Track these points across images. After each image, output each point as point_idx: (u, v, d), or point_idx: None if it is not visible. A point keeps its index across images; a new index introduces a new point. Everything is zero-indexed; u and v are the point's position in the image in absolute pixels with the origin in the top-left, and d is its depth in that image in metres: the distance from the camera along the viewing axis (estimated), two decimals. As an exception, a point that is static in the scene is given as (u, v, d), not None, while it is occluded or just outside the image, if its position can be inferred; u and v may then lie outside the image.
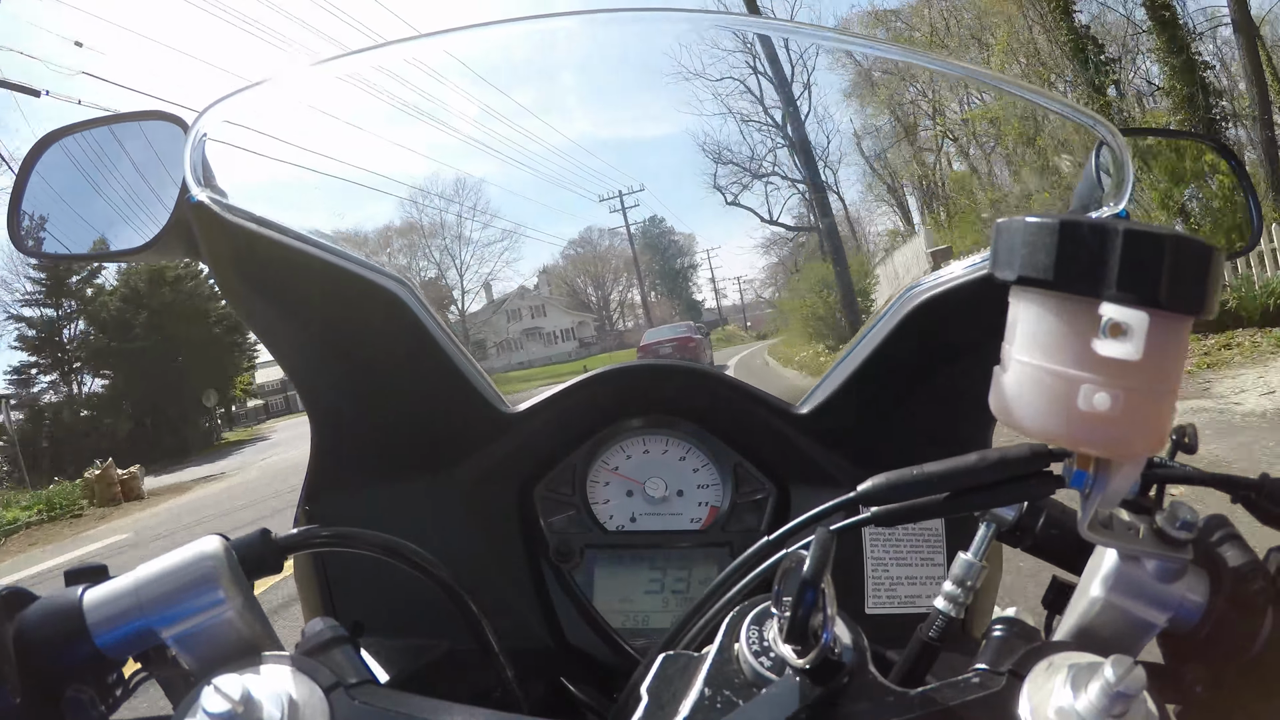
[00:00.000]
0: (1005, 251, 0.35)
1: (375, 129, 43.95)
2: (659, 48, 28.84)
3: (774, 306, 41.82)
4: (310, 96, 0.68)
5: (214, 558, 0.45)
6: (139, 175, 0.70)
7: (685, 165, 59.08)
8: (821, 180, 28.51)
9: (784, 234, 37.07)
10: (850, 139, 28.84)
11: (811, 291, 19.77)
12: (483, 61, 6.20)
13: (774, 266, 42.37)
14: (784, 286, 28.81)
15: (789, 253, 39.66)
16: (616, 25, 0.68)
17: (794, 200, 33.41)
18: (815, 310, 19.29)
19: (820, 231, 31.02)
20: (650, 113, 58.55)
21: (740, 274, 49.46)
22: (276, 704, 0.38)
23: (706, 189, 31.53)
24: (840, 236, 30.10)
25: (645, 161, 63.13)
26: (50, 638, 0.44)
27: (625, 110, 62.83)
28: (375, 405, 0.77)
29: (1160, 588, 0.43)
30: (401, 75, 22.72)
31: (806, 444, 0.79)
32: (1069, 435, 0.35)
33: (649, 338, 22.01)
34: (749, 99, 28.56)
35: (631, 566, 0.81)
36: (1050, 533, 0.53)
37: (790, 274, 36.10)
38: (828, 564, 0.35)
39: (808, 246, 36.90)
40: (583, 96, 53.78)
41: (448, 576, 0.55)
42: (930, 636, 0.46)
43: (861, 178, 30.40)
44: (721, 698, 0.37)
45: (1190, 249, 0.32)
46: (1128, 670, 0.33)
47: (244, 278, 0.66)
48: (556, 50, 5.57)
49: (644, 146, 63.38)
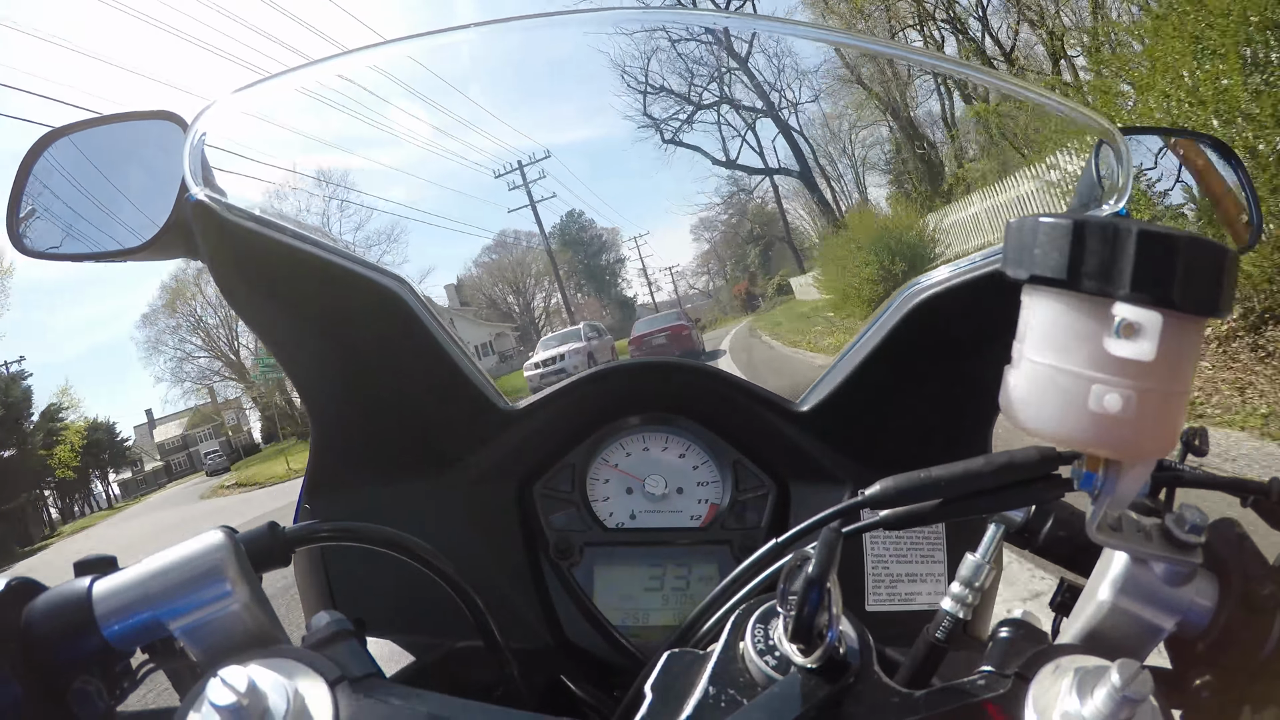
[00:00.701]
0: (1017, 250, 0.35)
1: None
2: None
3: (710, 295, 39.50)
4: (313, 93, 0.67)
5: (221, 550, 0.45)
6: (138, 175, 0.70)
7: (604, 114, 49.58)
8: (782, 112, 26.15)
9: (723, 203, 34.65)
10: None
11: (865, 250, 14.81)
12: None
13: (706, 254, 40.24)
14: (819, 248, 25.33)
15: (731, 225, 37.35)
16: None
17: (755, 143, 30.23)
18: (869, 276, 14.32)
19: (795, 174, 28.14)
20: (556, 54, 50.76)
21: (673, 264, 45.96)
22: (282, 696, 0.38)
23: (632, 142, 28.80)
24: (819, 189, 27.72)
25: (554, 121, 52.69)
26: (58, 629, 0.43)
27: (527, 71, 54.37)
28: (374, 403, 0.76)
29: (1169, 591, 0.42)
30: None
31: (807, 441, 0.79)
32: (1079, 435, 0.35)
33: (639, 329, 20.58)
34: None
35: (631, 564, 0.81)
36: (1058, 535, 0.53)
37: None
38: (833, 563, 0.35)
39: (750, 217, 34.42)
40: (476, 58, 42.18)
41: (453, 572, 0.55)
42: (937, 637, 0.45)
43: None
44: (726, 696, 0.37)
45: (1205, 250, 0.32)
46: (1134, 674, 0.33)
47: (243, 277, 0.66)
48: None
49: (550, 100, 54.34)
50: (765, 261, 37.38)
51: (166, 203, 0.64)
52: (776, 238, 35.40)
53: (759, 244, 36.75)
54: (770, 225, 35.85)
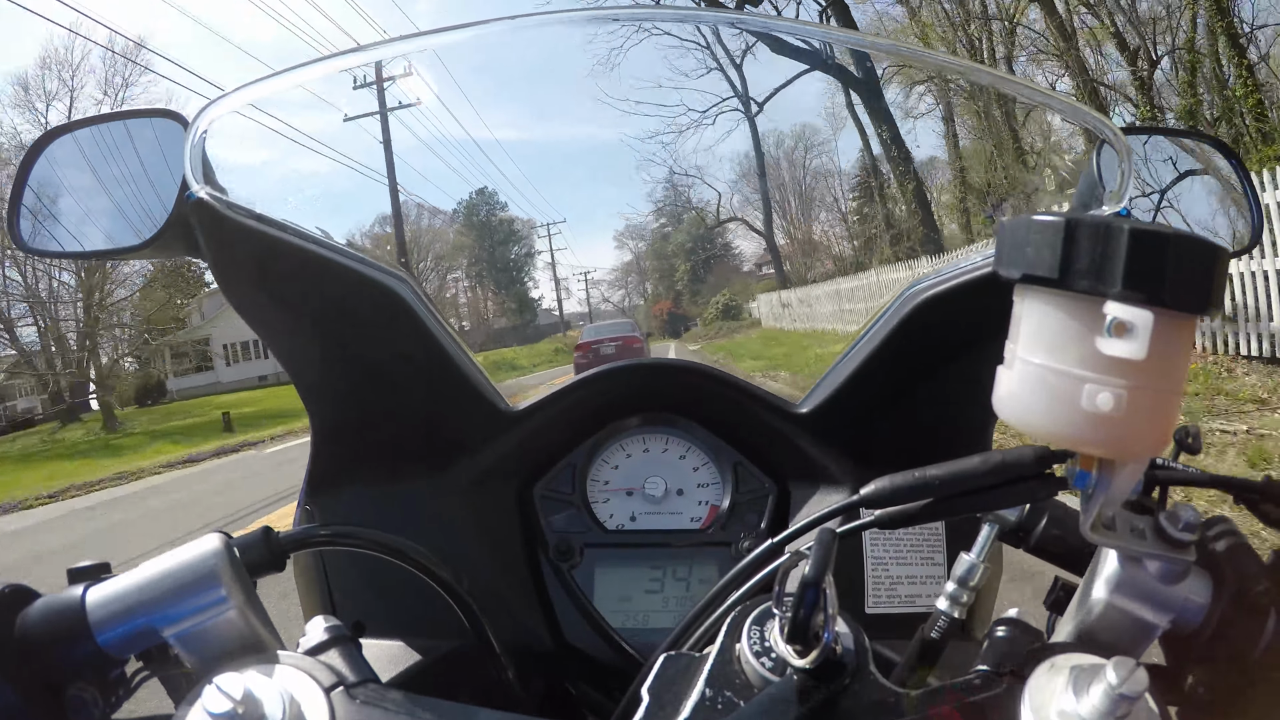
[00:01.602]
0: (1010, 250, 0.35)
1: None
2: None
3: (625, 312, 34.23)
4: (313, 92, 0.68)
5: (216, 556, 0.45)
6: (140, 172, 0.70)
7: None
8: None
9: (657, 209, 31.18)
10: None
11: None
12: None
13: (628, 264, 36.37)
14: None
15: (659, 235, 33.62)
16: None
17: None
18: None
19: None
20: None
21: (590, 269, 41.92)
22: (278, 703, 0.38)
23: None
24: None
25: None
26: (52, 636, 0.43)
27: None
28: (375, 403, 0.77)
29: (1163, 589, 0.42)
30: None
31: (807, 442, 0.79)
32: (1072, 435, 0.35)
33: (588, 335, 19.19)
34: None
35: (631, 566, 0.81)
36: (1052, 533, 0.53)
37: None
38: (829, 564, 0.35)
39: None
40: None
41: (449, 575, 0.55)
42: (932, 637, 0.45)
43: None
44: (723, 698, 0.37)
45: (1196, 248, 0.32)
46: (1130, 672, 0.33)
47: (244, 275, 0.66)
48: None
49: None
50: (701, 278, 33.53)
51: (167, 201, 0.64)
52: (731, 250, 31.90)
53: (693, 259, 32.94)
54: (714, 238, 32.06)
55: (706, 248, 34.10)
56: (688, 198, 31.83)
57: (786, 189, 28.79)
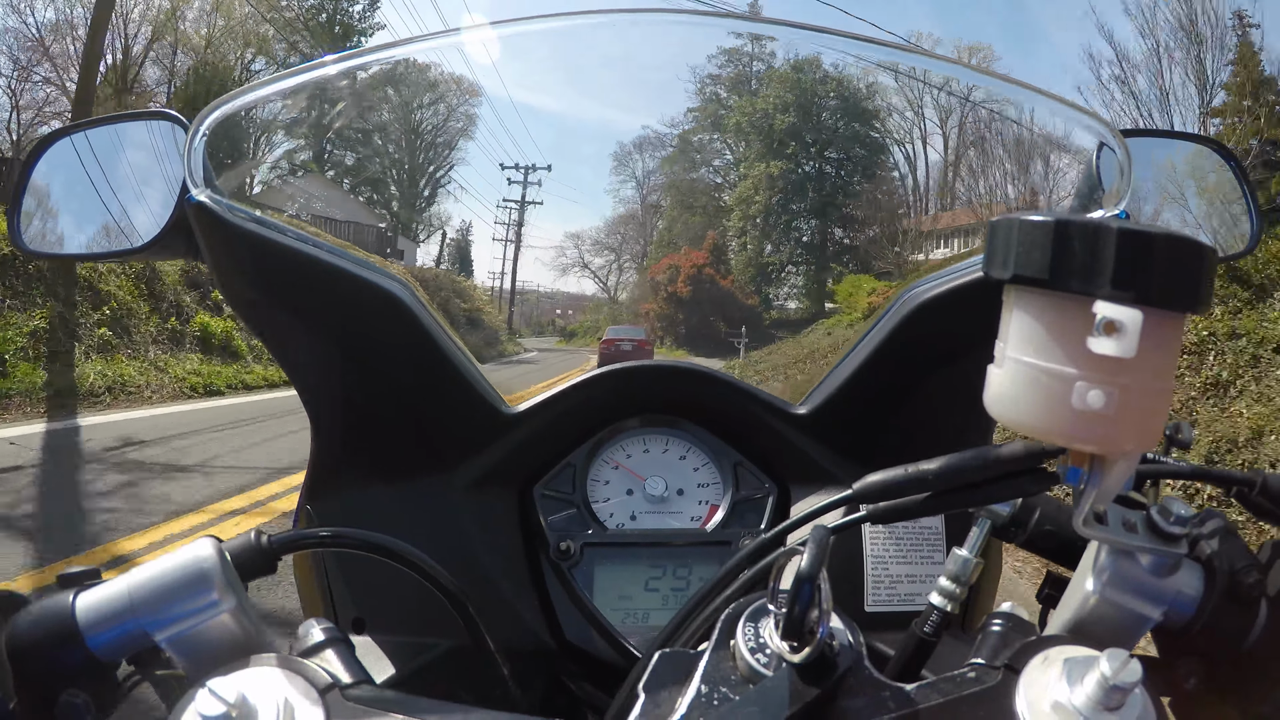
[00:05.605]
0: (1000, 250, 0.36)
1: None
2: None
3: (563, 335, 28.29)
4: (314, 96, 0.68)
5: (207, 560, 0.45)
6: (140, 175, 0.71)
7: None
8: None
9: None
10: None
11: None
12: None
13: (624, 217, 28.34)
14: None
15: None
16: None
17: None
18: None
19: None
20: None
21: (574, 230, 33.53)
22: (271, 705, 0.37)
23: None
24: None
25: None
26: (43, 641, 0.43)
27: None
28: (375, 405, 0.77)
29: (1155, 582, 0.43)
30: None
31: (806, 443, 0.79)
32: (1063, 432, 0.35)
33: (612, 333, 22.92)
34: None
35: (632, 565, 0.81)
36: (1045, 528, 0.53)
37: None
38: (824, 560, 0.35)
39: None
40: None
41: (443, 575, 0.55)
42: (925, 632, 0.46)
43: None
44: (718, 695, 0.37)
45: (1183, 247, 0.32)
46: (1123, 664, 0.33)
47: (243, 278, 0.66)
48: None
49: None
50: (806, 212, 22.94)
51: (168, 203, 0.64)
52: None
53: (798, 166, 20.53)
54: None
55: (830, 135, 20.59)
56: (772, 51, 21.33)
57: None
